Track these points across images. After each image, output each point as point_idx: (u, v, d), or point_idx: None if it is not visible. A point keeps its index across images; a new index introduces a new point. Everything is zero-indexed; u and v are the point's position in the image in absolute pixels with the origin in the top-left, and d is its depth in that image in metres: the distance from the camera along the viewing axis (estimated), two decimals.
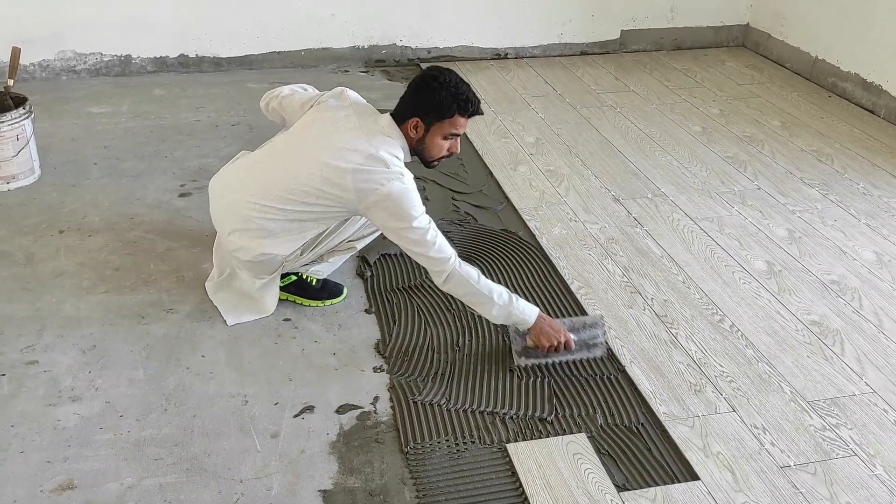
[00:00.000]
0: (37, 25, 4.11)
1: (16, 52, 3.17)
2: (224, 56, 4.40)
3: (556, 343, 2.17)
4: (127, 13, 4.18)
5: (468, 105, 2.14)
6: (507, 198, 3.14)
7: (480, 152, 3.52)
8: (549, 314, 2.43)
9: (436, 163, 2.27)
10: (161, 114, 3.85)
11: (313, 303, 2.46)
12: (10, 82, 3.15)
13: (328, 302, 2.47)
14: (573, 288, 2.57)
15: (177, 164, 3.34)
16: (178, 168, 3.30)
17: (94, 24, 4.18)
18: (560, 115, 3.96)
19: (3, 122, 2.99)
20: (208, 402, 2.07)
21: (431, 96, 2.14)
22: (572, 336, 2.22)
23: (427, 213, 2.15)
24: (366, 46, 4.55)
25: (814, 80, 4.48)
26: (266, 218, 2.21)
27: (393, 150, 2.15)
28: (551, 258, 2.73)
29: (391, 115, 2.21)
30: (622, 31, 4.88)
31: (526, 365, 2.22)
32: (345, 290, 2.50)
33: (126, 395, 2.08)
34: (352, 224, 2.41)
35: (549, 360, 2.23)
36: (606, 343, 2.28)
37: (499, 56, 4.76)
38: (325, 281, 2.49)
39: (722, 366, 2.25)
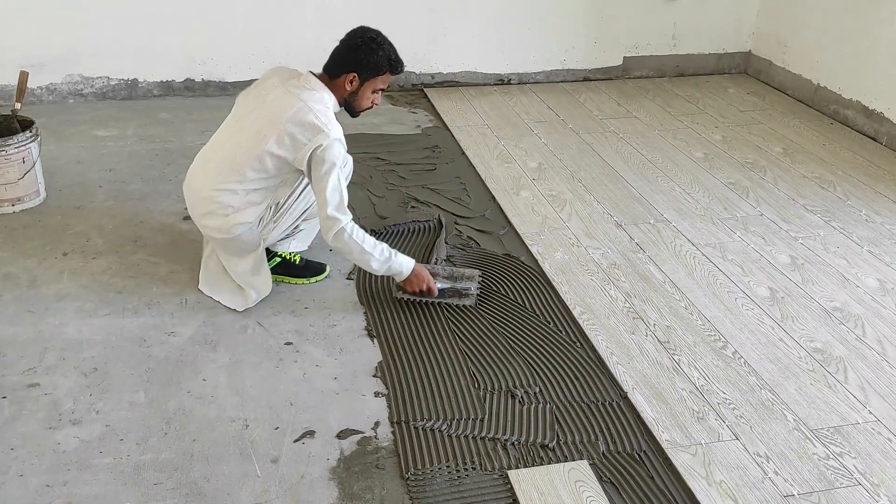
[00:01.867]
0: (45, 49, 4.15)
1: (24, 76, 3.20)
2: (230, 80, 4.44)
3: (418, 290, 2.55)
4: (134, 38, 4.23)
5: (398, 65, 2.47)
6: (509, 222, 3.15)
7: (483, 177, 3.53)
8: (550, 339, 2.43)
9: (361, 113, 2.54)
10: (167, 137, 3.87)
11: (299, 280, 2.68)
12: (18, 105, 3.18)
13: (312, 279, 2.69)
14: (575, 314, 2.57)
15: (181, 187, 3.34)
16: (183, 192, 3.32)
17: (102, 49, 4.22)
18: (563, 140, 3.98)
19: (9, 144, 3.01)
20: (209, 426, 2.06)
21: (370, 55, 2.41)
22: (445, 284, 2.62)
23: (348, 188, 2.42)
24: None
25: (815, 107, 4.50)
26: (227, 194, 2.42)
27: (320, 104, 2.37)
28: (553, 283, 2.73)
29: (323, 69, 2.46)
30: (625, 57, 4.91)
31: (402, 297, 2.60)
32: (328, 269, 2.74)
33: (126, 419, 2.07)
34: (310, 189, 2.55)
35: (422, 300, 2.59)
36: (477, 295, 2.61)
37: (502, 81, 4.80)
38: (307, 261, 2.72)
39: (725, 393, 2.24)
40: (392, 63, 2.45)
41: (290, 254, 2.70)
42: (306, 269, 2.71)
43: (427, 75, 4.68)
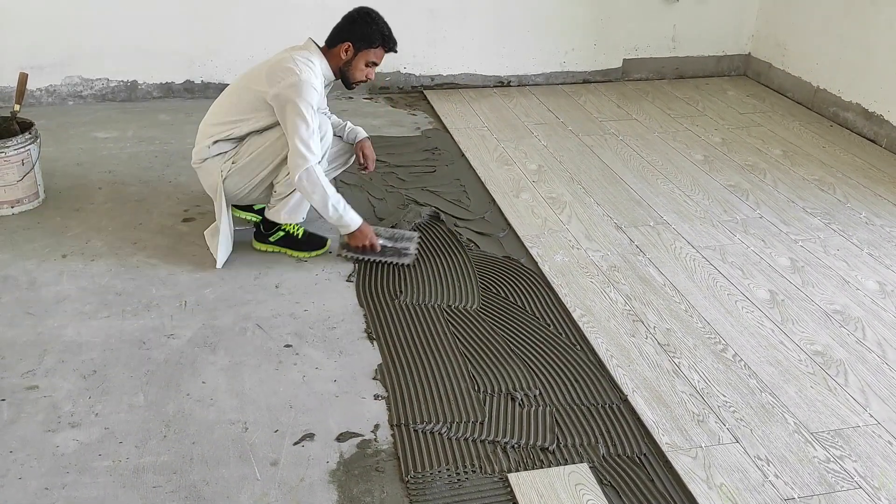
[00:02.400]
0: (45, 51, 4.15)
1: (23, 78, 3.20)
2: (229, 82, 4.42)
3: (361, 246, 2.76)
4: (134, 40, 4.23)
5: (390, 41, 2.73)
6: (509, 225, 3.14)
7: (483, 179, 3.53)
8: (550, 342, 2.43)
9: (355, 85, 2.79)
10: (166, 139, 3.87)
11: (301, 254, 2.85)
12: (17, 107, 3.18)
13: (314, 253, 2.86)
14: (575, 316, 2.56)
15: (181, 189, 3.36)
16: (182, 193, 3.32)
17: (102, 51, 4.22)
18: (562, 142, 3.98)
19: (8, 146, 3.01)
20: (208, 428, 2.06)
21: (365, 28, 2.69)
22: (387, 243, 2.82)
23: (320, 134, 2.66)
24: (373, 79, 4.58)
25: (815, 109, 4.50)
26: (208, 124, 2.79)
27: (308, 58, 2.65)
28: (553, 285, 2.73)
29: (325, 42, 2.74)
30: (624, 59, 4.92)
31: (345, 255, 2.81)
32: (328, 242, 2.89)
33: (126, 422, 2.07)
34: (276, 144, 2.72)
35: (364, 257, 2.79)
36: (416, 255, 2.82)
37: (502, 84, 4.80)
38: (310, 234, 2.88)
39: (725, 396, 2.24)
40: (385, 38, 2.71)
41: (292, 226, 2.85)
42: (308, 242, 2.87)
43: (427, 77, 4.68)
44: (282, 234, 2.85)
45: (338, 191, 2.73)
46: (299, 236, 2.86)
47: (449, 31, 4.59)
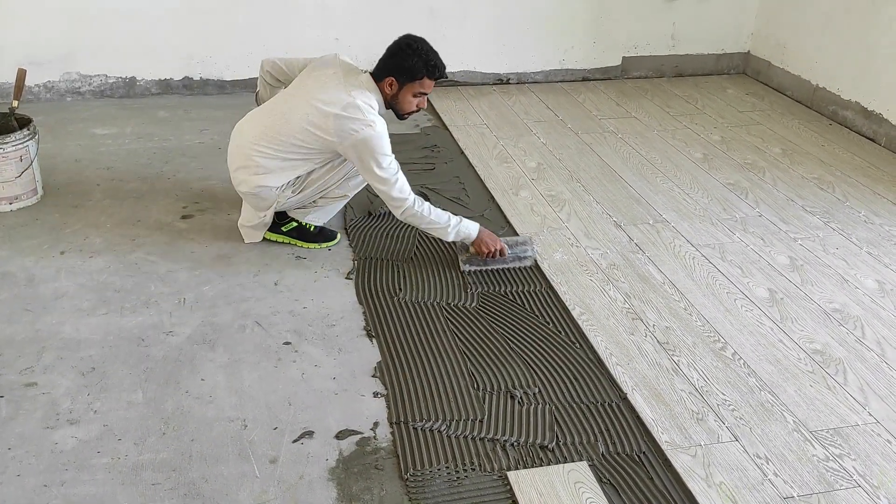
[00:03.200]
0: (43, 48, 4.14)
1: (21, 74, 3.19)
2: (228, 79, 4.43)
3: (493, 249, 2.71)
4: (132, 36, 4.22)
5: (435, 70, 2.62)
6: (508, 222, 3.14)
7: (482, 177, 3.53)
8: (549, 340, 2.43)
9: (406, 116, 2.74)
10: (165, 136, 3.86)
11: (311, 245, 2.89)
12: (15, 103, 3.17)
13: (324, 245, 2.90)
14: (574, 314, 2.56)
15: (179, 186, 3.35)
16: (181, 190, 3.31)
17: (100, 47, 4.21)
18: (562, 140, 3.98)
19: (6, 143, 3.00)
20: (207, 426, 2.05)
21: (406, 61, 2.60)
22: (507, 248, 2.75)
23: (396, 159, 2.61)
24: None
25: (814, 108, 4.50)
26: (263, 157, 2.66)
27: (369, 101, 2.58)
28: (552, 283, 2.72)
29: (371, 73, 2.66)
30: (624, 57, 4.91)
31: (468, 271, 2.75)
32: (338, 236, 2.93)
33: (124, 419, 2.07)
34: (337, 171, 2.75)
35: (488, 267, 2.76)
36: (535, 257, 2.82)
37: (501, 81, 4.79)
38: (322, 228, 2.91)
39: (724, 394, 2.24)
40: (429, 68, 2.61)
41: (306, 223, 2.88)
42: (319, 235, 2.91)
43: None
44: (294, 224, 2.89)
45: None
46: (311, 229, 2.90)
47: (448, 29, 4.58)
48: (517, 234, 2.46)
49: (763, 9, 4.92)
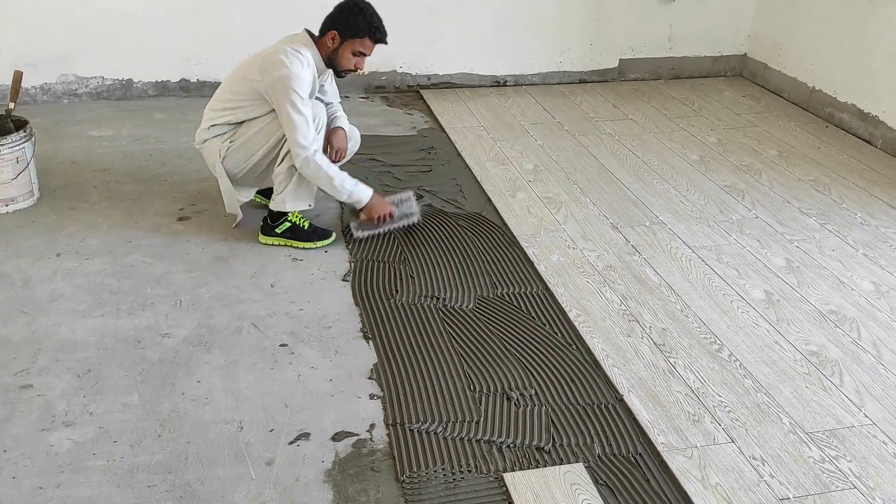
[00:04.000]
0: (39, 49, 4.14)
1: (18, 76, 3.19)
2: None
3: (383, 214, 2.89)
4: (130, 38, 4.22)
5: (377, 32, 2.77)
6: (505, 224, 3.14)
7: (479, 178, 3.53)
8: (546, 342, 2.43)
9: (344, 74, 2.87)
10: (161, 138, 3.86)
11: (307, 244, 2.91)
12: (12, 105, 3.17)
13: (320, 243, 2.92)
14: (571, 316, 2.56)
15: (176, 187, 3.35)
16: (178, 192, 3.31)
17: (97, 49, 4.21)
18: (558, 142, 3.98)
19: (3, 145, 3.00)
20: (203, 428, 2.05)
21: (351, 17, 2.75)
22: (395, 209, 2.92)
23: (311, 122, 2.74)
24: (366, 73, 4.57)
25: (811, 110, 4.51)
26: (210, 111, 2.90)
27: (297, 49, 2.74)
28: (549, 285, 2.72)
29: (310, 32, 2.85)
30: (621, 59, 4.92)
31: (362, 236, 2.92)
32: (333, 234, 2.96)
33: (120, 421, 2.06)
34: (269, 128, 2.82)
35: (379, 230, 2.92)
36: (420, 212, 3.00)
37: (498, 83, 4.80)
38: (315, 227, 2.96)
39: (720, 396, 2.24)
40: (372, 29, 2.76)
41: (298, 216, 2.91)
42: (314, 233, 2.94)
43: (423, 77, 4.68)
44: (287, 224, 2.91)
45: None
46: (305, 227, 2.93)
47: (446, 31, 4.58)
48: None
49: (759, 11, 4.93)
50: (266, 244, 2.93)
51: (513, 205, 3.30)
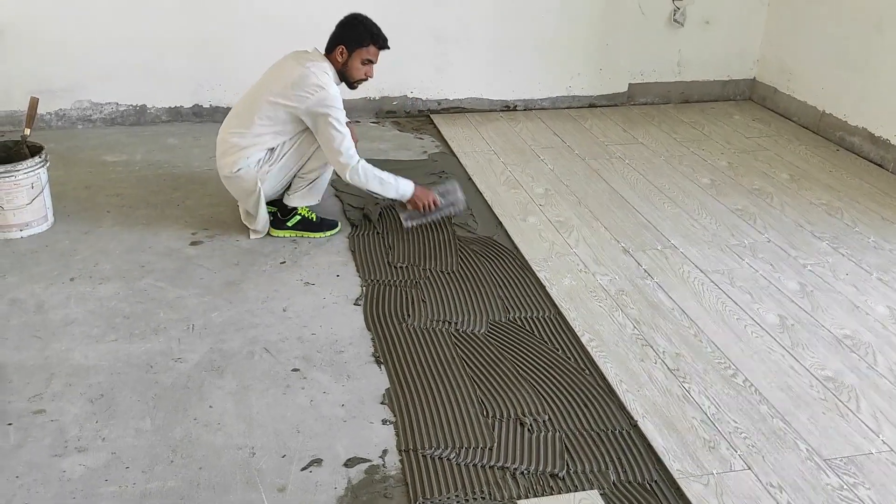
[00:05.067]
0: (55, 76, 4.19)
1: (34, 102, 3.23)
2: None
3: (427, 202, 3.13)
4: (143, 64, 4.27)
5: (379, 38, 2.99)
6: (516, 248, 3.14)
7: (490, 202, 3.54)
8: (558, 367, 2.42)
9: (356, 84, 3.07)
10: (174, 162, 3.89)
11: (317, 234, 3.16)
12: (28, 131, 3.20)
13: (328, 233, 3.17)
14: (584, 340, 2.55)
15: (189, 212, 3.37)
16: (190, 216, 3.33)
17: (111, 75, 4.26)
18: (569, 166, 3.99)
19: (18, 170, 3.03)
20: (215, 454, 2.04)
21: (353, 30, 2.97)
22: (439, 198, 3.15)
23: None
24: (377, 98, 4.61)
25: (821, 133, 4.51)
26: (237, 136, 2.99)
27: (321, 68, 2.94)
28: (561, 309, 2.72)
29: (325, 49, 3.03)
30: (630, 84, 4.94)
31: (411, 225, 3.15)
32: (339, 225, 3.22)
33: (132, 446, 2.06)
34: (305, 141, 3.03)
35: (427, 219, 3.16)
36: (464, 202, 3.24)
37: (508, 108, 4.82)
38: (323, 218, 3.20)
39: (736, 422, 2.22)
40: (373, 36, 2.97)
41: (306, 210, 3.15)
42: (322, 224, 3.18)
43: (434, 102, 4.71)
44: (298, 218, 3.14)
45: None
46: (313, 219, 3.15)
47: (455, 56, 4.62)
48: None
49: (768, 35, 4.95)
50: (278, 237, 3.15)
51: (524, 229, 3.31)
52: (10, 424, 2.12)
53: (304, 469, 2.00)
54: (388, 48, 3.03)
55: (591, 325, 2.65)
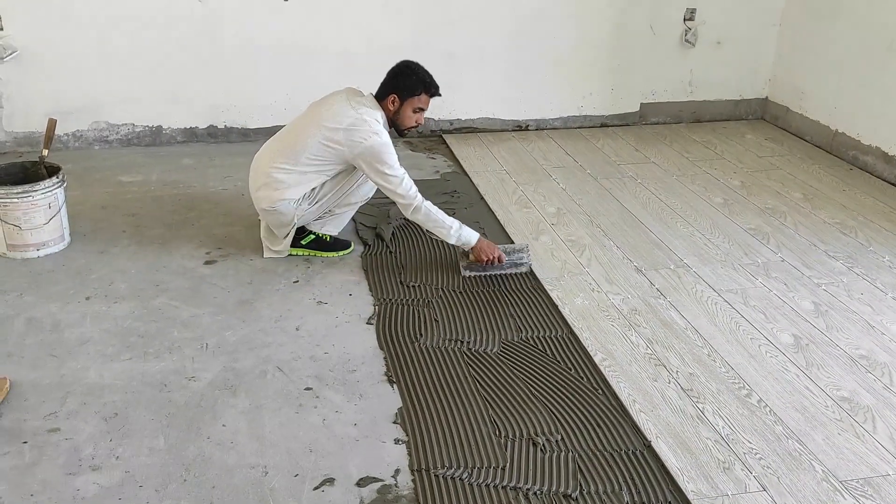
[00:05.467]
0: (73, 98, 4.25)
1: (51, 124, 3.27)
2: (252, 127, 4.51)
3: (491, 257, 3.00)
4: (160, 86, 4.32)
5: (431, 87, 3.03)
6: (529, 268, 3.14)
7: (502, 221, 3.54)
8: (571, 386, 2.41)
9: (407, 132, 3.10)
10: (189, 183, 3.93)
11: (330, 254, 3.17)
12: (45, 152, 3.24)
13: (341, 252, 3.19)
14: (596, 360, 2.55)
15: (203, 231, 3.40)
16: (205, 236, 3.35)
17: (128, 97, 4.31)
18: (581, 185, 4.00)
19: (36, 190, 3.07)
20: (228, 473, 2.05)
21: (406, 79, 3.01)
22: (504, 256, 3.03)
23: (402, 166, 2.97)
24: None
25: (834, 152, 4.50)
26: (281, 172, 2.98)
27: (373, 115, 2.96)
28: (574, 329, 2.71)
29: (375, 94, 3.05)
30: (642, 103, 4.95)
31: (469, 276, 3.02)
32: (352, 245, 3.23)
33: (146, 465, 2.06)
34: (348, 181, 3.10)
35: (487, 273, 3.02)
36: (530, 264, 3.09)
37: (520, 128, 4.84)
38: (336, 238, 3.22)
39: (751, 442, 2.20)
40: (426, 85, 3.01)
41: (322, 234, 3.18)
42: (336, 244, 3.20)
43: (446, 122, 4.74)
44: (312, 237, 3.17)
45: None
46: (327, 239, 3.19)
47: (468, 77, 4.65)
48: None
49: (780, 55, 4.96)
50: (292, 255, 3.17)
51: (536, 248, 3.31)
52: (25, 443, 2.14)
53: (316, 488, 2.00)
54: (440, 95, 3.07)
55: (603, 344, 2.64)
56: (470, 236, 2.99)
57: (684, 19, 4.82)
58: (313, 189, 3.03)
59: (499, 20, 4.58)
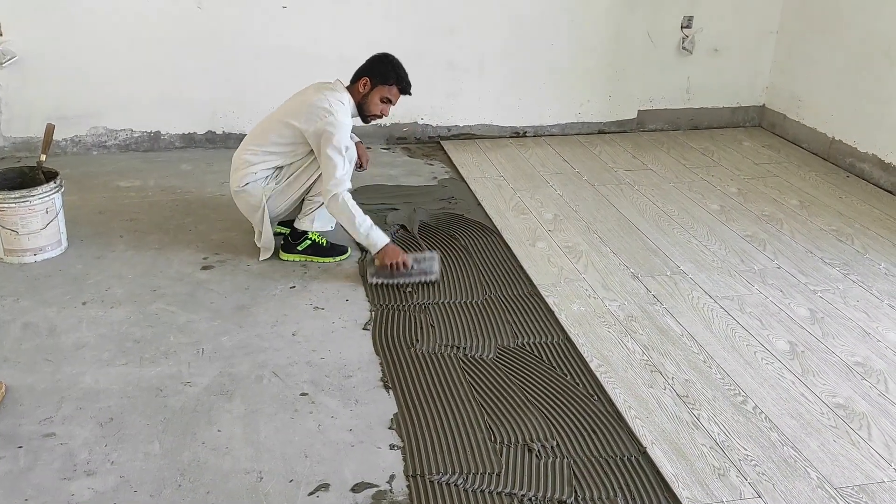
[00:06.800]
0: (72, 103, 4.25)
1: (50, 129, 3.28)
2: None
3: (394, 262, 2.98)
4: (158, 92, 4.33)
5: (403, 82, 3.09)
6: (525, 273, 3.15)
7: (499, 227, 3.55)
8: (567, 392, 2.41)
9: (370, 119, 3.13)
10: (187, 188, 3.93)
11: (327, 259, 3.19)
12: (43, 157, 3.25)
13: (338, 258, 3.20)
14: (592, 366, 2.55)
15: (200, 237, 3.40)
16: (202, 241, 3.36)
17: (127, 102, 4.32)
18: (578, 192, 4.01)
19: (33, 195, 3.07)
20: (223, 478, 2.05)
21: (383, 66, 3.09)
22: (412, 263, 3.01)
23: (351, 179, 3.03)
24: (388, 124, 4.65)
25: (831, 160, 4.51)
26: (249, 153, 3.10)
27: (338, 97, 3.02)
28: (570, 335, 2.71)
29: (350, 81, 3.13)
30: (639, 110, 4.97)
31: (376, 283, 2.99)
32: (349, 250, 3.23)
33: (141, 470, 2.06)
34: (313, 164, 3.08)
35: (395, 280, 2.98)
36: (440, 272, 3.05)
37: (517, 134, 4.85)
38: (333, 244, 3.23)
39: (746, 449, 2.20)
40: (399, 78, 3.08)
41: (317, 235, 3.19)
42: (332, 249, 3.21)
43: (444, 128, 4.75)
44: (308, 242, 3.18)
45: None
46: (324, 244, 3.20)
47: (466, 84, 4.66)
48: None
49: (777, 62, 4.98)
50: (288, 261, 3.18)
51: (533, 254, 3.31)
52: (20, 447, 2.13)
53: (311, 494, 2.00)
54: (410, 94, 3.14)
55: (599, 350, 2.64)
56: (378, 239, 3.01)
57: (682, 27, 4.83)
58: (279, 168, 3.10)
59: (497, 28, 4.60)
